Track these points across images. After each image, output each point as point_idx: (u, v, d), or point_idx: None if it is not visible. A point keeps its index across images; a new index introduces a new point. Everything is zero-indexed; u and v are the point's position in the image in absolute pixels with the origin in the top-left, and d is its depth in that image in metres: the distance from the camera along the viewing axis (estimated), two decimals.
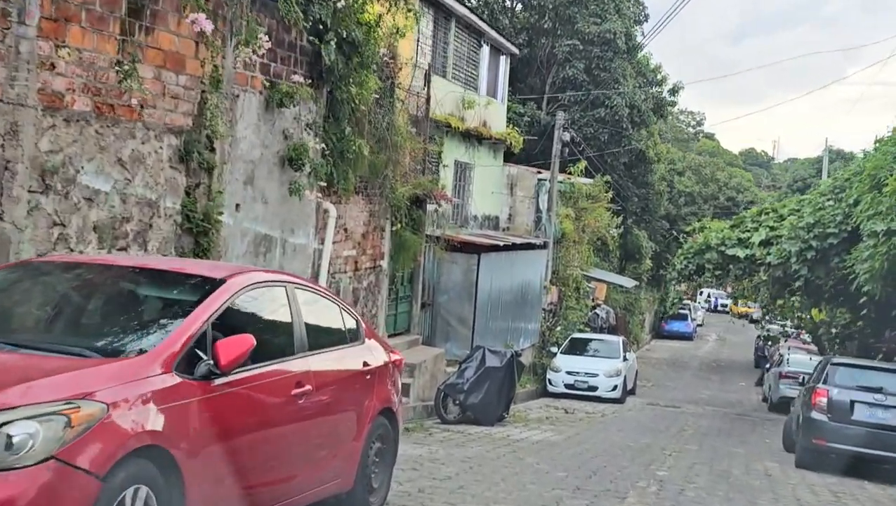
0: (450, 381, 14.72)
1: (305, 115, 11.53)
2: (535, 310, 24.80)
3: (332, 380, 5.97)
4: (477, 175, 23.34)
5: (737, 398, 28.22)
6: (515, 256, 22.57)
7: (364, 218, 14.09)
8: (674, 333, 52.32)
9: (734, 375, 36.54)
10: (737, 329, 67.89)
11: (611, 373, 23.43)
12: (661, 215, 48.07)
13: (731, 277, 23.34)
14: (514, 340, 22.83)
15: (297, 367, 5.49)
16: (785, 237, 21.09)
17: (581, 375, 23.38)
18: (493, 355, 14.87)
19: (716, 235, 23.17)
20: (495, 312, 21.19)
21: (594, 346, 25.36)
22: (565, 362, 23.90)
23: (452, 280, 19.86)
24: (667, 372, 35.37)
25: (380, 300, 14.86)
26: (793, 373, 24.76)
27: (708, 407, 24.61)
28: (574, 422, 17.62)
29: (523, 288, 23.41)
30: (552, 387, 23.61)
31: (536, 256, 24.60)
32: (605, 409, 21.36)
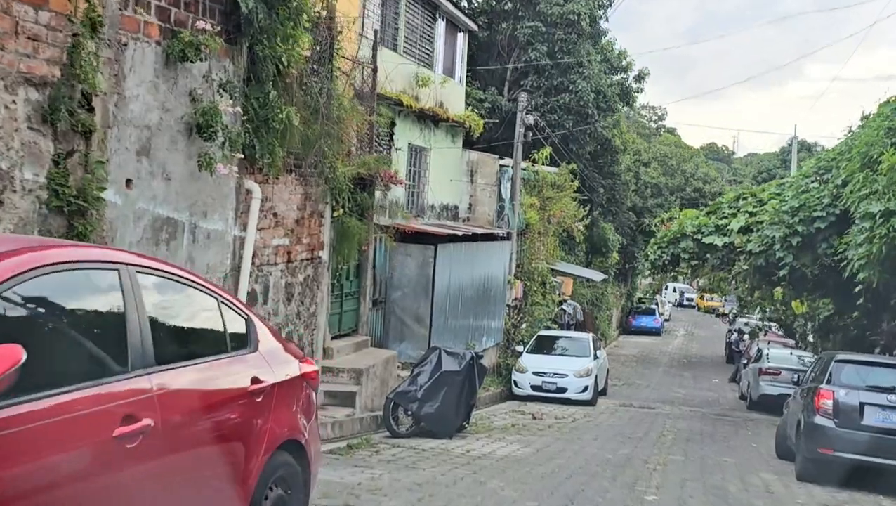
0: (401, 388, 12.83)
1: (218, 73, 9.57)
2: (499, 306, 23.02)
3: (194, 407, 4.06)
4: (434, 161, 21.48)
5: (713, 396, 26.68)
6: (476, 248, 20.74)
7: (298, 201, 12.15)
8: (641, 328, 50.99)
9: (706, 371, 35.10)
10: (705, 323, 67.05)
11: (581, 373, 21.71)
12: (628, 207, 46.63)
13: (709, 268, 21.75)
14: (477, 340, 21.00)
15: (127, 392, 3.57)
16: (767, 223, 19.52)
17: (549, 375, 21.63)
18: (451, 358, 13.02)
19: (691, 223, 21.56)
20: (455, 310, 19.34)
21: (562, 344, 23.64)
22: (532, 362, 22.14)
23: (407, 274, 17.97)
24: (637, 369, 33.81)
25: (319, 297, 12.92)
26: (773, 369, 23.25)
27: (684, 407, 23.00)
28: (543, 429, 15.82)
29: (485, 283, 21.60)
30: (518, 389, 21.83)
31: (499, 248, 22.81)
32: (575, 412, 19.61)
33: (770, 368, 23.28)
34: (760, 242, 19.43)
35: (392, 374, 14.87)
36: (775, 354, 24.15)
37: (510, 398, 21.81)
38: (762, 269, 19.60)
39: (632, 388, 27.58)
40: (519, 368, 22.09)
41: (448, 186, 22.81)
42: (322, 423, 11.97)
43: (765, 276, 20.07)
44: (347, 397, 13.08)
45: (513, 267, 24.36)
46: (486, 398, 20.48)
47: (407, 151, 19.85)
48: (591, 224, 39.65)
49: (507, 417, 17.81)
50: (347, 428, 12.51)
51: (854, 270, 15.48)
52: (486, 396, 20.63)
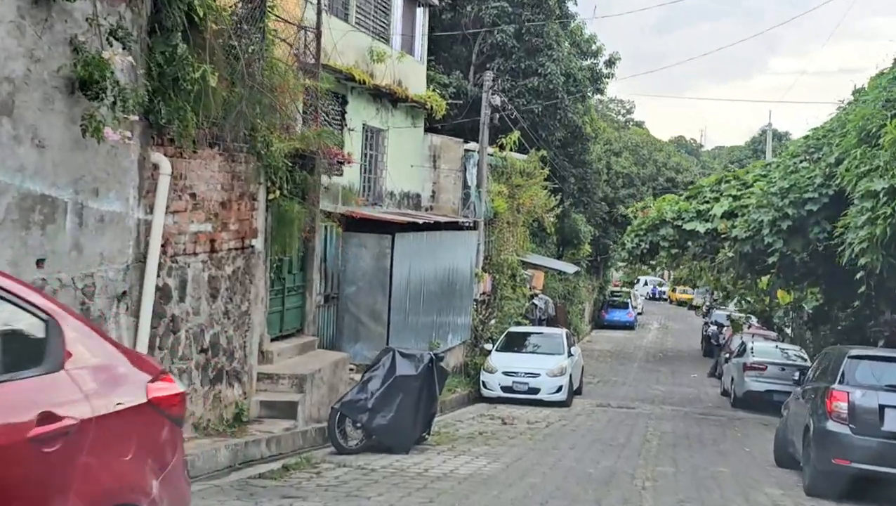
0: (348, 397, 11.09)
1: (108, 17, 7.78)
2: (466, 301, 21.34)
3: None
4: (392, 144, 19.73)
5: (693, 393, 25.21)
6: (440, 239, 19.04)
7: (223, 180, 10.36)
8: (615, 322, 49.59)
9: (683, 365, 33.68)
10: (678, 316, 65.86)
11: (554, 372, 20.09)
12: (599, 198, 45.20)
13: (690, 256, 20.26)
14: (441, 338, 19.32)
15: None
16: (753, 206, 18.04)
17: (520, 375, 20.00)
18: (406, 361, 11.30)
19: (671, 209, 20.04)
20: (416, 306, 17.63)
21: (534, 341, 22.02)
22: (502, 361, 20.49)
23: (361, 267, 16.23)
24: (612, 365, 32.31)
25: (254, 292, 11.14)
26: (758, 364, 21.82)
27: (665, 406, 21.48)
28: (514, 437, 14.17)
29: (450, 276, 19.92)
30: (487, 390, 20.17)
31: (465, 238, 21.14)
32: (549, 415, 17.99)
33: (755, 362, 21.85)
34: (747, 228, 17.93)
35: (343, 379, 13.13)
36: (760, 347, 22.74)
37: (479, 400, 20.16)
38: (749, 256, 18.11)
39: (608, 385, 26.06)
40: (488, 368, 20.44)
41: (409, 172, 21.08)
42: (255, 439, 10.21)
43: (752, 263, 18.59)
44: (287, 407, 11.31)
45: (480, 259, 22.71)
46: (452, 401, 18.81)
47: (361, 132, 18.09)
48: (562, 215, 38.18)
49: (475, 422, 16.14)
50: (286, 444, 10.76)
51: (854, 256, 14.02)
52: (453, 398, 18.96)
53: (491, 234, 24.49)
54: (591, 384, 25.48)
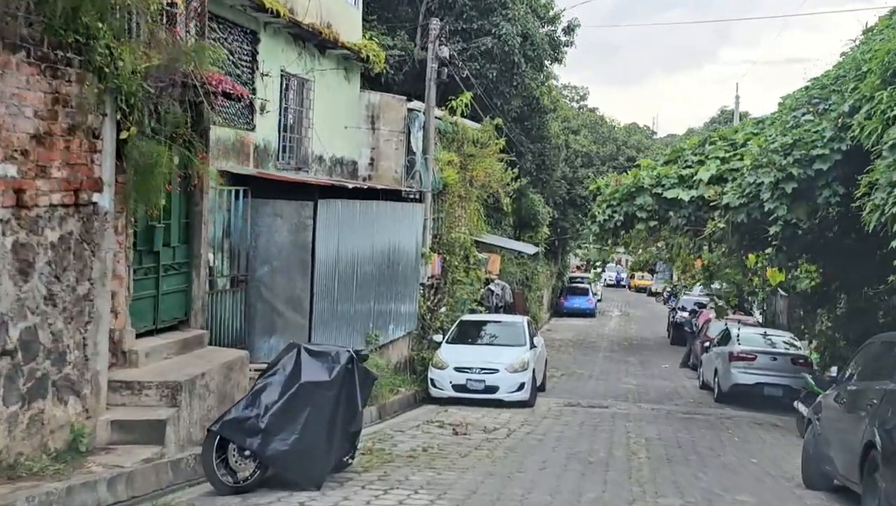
0: (232, 414, 7.89)
1: None
2: (411, 286, 18.23)
3: None
4: (321, 99, 16.51)
5: (669, 387, 22.44)
6: (377, 211, 15.90)
7: (39, 103, 7.11)
8: (574, 309, 46.91)
9: (652, 355, 31.02)
10: (638, 303, 63.57)
11: (515, 367, 17.12)
12: (559, 176, 42.38)
13: (671, 228, 17.34)
14: (381, 329, 16.22)
15: None
16: (748, 168, 15.16)
17: (475, 371, 16.99)
18: (316, 361, 8.15)
19: (648, 175, 17.09)
20: (347, 290, 14.48)
21: (491, 330, 19.01)
22: (453, 355, 17.46)
23: (277, 242, 13.03)
24: (575, 356, 29.48)
25: (97, 269, 7.90)
26: (747, 353, 19.10)
27: (643, 404, 18.63)
28: (467, 454, 11.14)
29: (391, 255, 16.79)
30: (436, 390, 17.12)
31: (409, 212, 18.01)
32: (510, 419, 15.02)
33: (743, 352, 19.11)
34: (740, 193, 15.06)
35: (240, 385, 9.94)
36: (747, 335, 20.01)
37: (427, 401, 17.11)
38: (744, 226, 15.26)
39: (573, 379, 23.19)
40: (437, 364, 17.39)
41: (342, 134, 17.88)
42: (90, 481, 7.01)
43: (747, 236, 15.76)
44: (152, 428, 8.11)
45: (428, 237, 19.63)
46: (394, 404, 15.73)
47: (279, 79, 14.84)
48: (519, 195, 35.35)
49: (419, 432, 13.07)
50: (144, 483, 7.56)
51: (881, 222, 11.24)
52: (396, 400, 15.88)
53: (440, 209, 21.41)
54: (556, 379, 22.60)
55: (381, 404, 14.86)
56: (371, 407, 14.40)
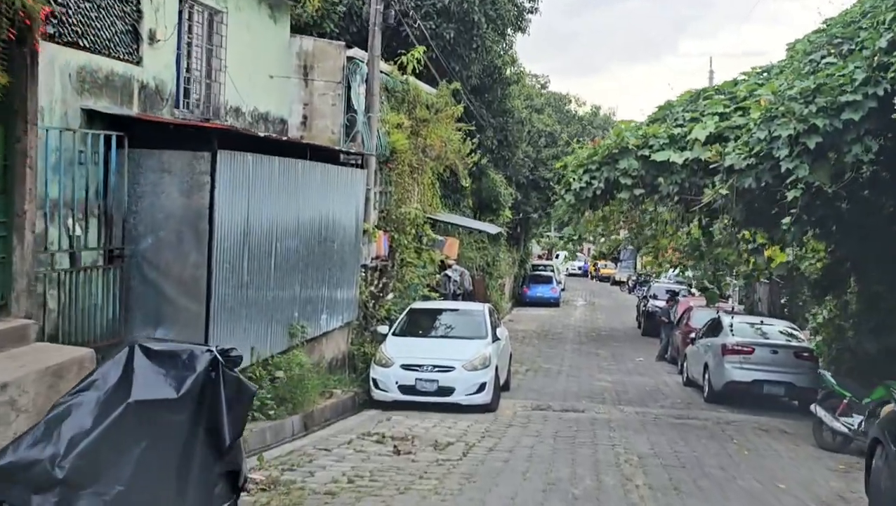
0: (6, 457, 4.88)
1: None
2: (350, 268, 15.25)
3: None
4: (238, 40, 13.42)
5: (649, 383, 19.72)
6: (305, 173, 12.89)
7: None
8: (537, 299, 44.22)
9: (623, 346, 28.38)
10: (602, 292, 61.17)
11: (475, 364, 14.28)
12: (522, 154, 39.61)
13: (660, 198, 14.57)
14: (310, 319, 13.23)
15: None
16: (758, 121, 12.40)
17: (426, 369, 14.12)
18: (157, 369, 5.14)
19: (633, 134, 14.28)
20: (262, 271, 11.46)
21: (447, 320, 16.16)
22: (401, 350, 14.58)
23: (163, 206, 9.97)
24: (540, 348, 26.70)
25: None
26: (743, 346, 16.45)
27: (624, 406, 15.88)
28: (410, 487, 8.26)
29: (324, 230, 13.79)
30: (380, 392, 14.22)
31: (348, 178, 15.02)
32: (468, 429, 12.18)
33: (739, 344, 16.45)
34: (747, 152, 12.31)
35: None
36: (741, 325, 17.36)
37: (369, 406, 14.22)
38: (751, 193, 12.53)
39: (541, 375, 20.40)
40: (380, 360, 14.47)
41: (268, 86, 14.82)
42: None
43: (754, 205, 13.03)
44: None
45: (373, 212, 16.66)
46: (326, 411, 12.79)
47: (177, 4, 11.71)
48: (479, 174, 32.53)
49: (350, 452, 10.16)
50: None
51: None
52: (328, 406, 12.94)
53: (388, 180, 18.45)
54: (520, 375, 19.81)
55: (306, 412, 11.89)
56: (293, 416, 11.46)
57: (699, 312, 22.32)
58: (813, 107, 11.57)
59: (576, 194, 14.44)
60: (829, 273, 16.09)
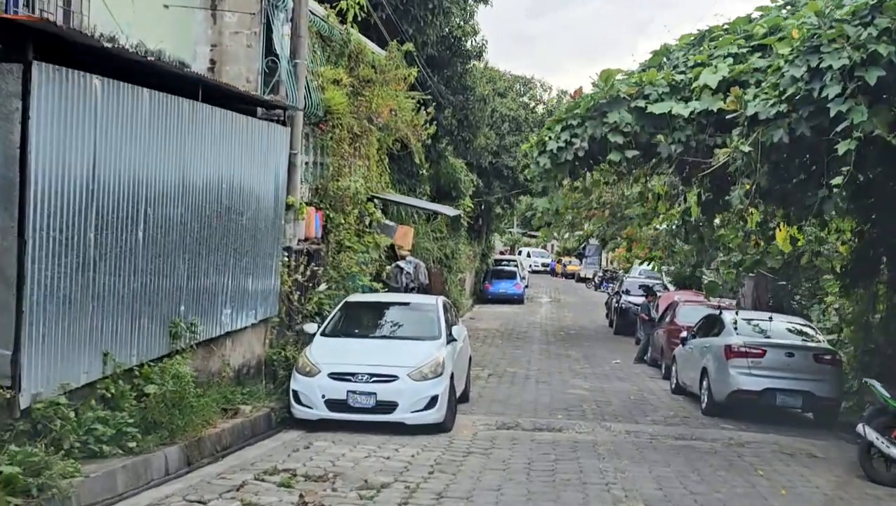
0: None
1: None
2: (266, 250, 12.04)
3: None
4: None
5: (633, 391, 16.75)
6: (196, 118, 9.68)
7: None
8: (500, 295, 41.36)
9: (595, 347, 25.47)
10: (567, 288, 58.37)
11: (425, 372, 11.18)
12: (483, 143, 36.66)
13: (659, 161, 11.54)
14: (205, 315, 10.03)
15: None
16: (792, 56, 9.45)
17: (362, 379, 11.00)
18: None
19: (626, 82, 11.27)
20: (122, 247, 8.22)
21: (391, 317, 13.07)
22: (331, 354, 11.47)
23: None
24: (504, 349, 23.70)
25: None
26: (751, 348, 13.56)
27: (611, 423, 12.84)
28: None
29: (228, 198, 10.59)
30: (302, 409, 11.08)
31: (264, 136, 11.81)
32: (412, 461, 9.12)
33: (747, 346, 13.55)
34: (777, 96, 9.41)
35: None
36: (747, 322, 14.45)
37: (289, 425, 11.11)
38: (780, 150, 9.61)
39: (506, 382, 17.36)
40: (304, 368, 11.32)
41: (161, 16, 11.57)
42: None
43: (779, 167, 10.09)
44: None
45: (299, 182, 13.46)
46: (225, 436, 9.61)
47: None
48: (436, 158, 29.55)
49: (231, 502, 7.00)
50: None
51: None
52: (227, 430, 9.75)
53: (323, 146, 15.26)
54: (482, 381, 16.79)
55: (190, 441, 8.69)
56: (168, 448, 8.29)
57: (687, 309, 19.46)
58: (873, 30, 8.66)
59: (552, 157, 11.39)
60: (859, 259, 13.24)
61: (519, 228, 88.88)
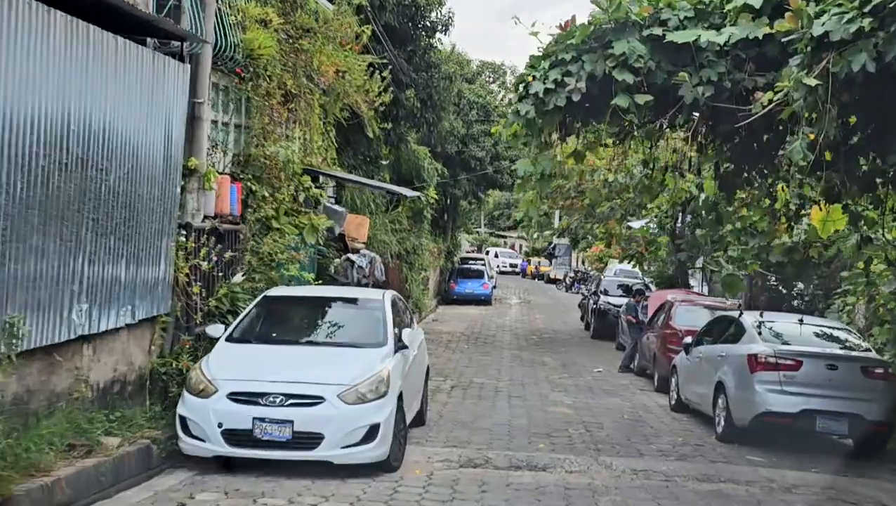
0: None
1: None
2: (150, 226, 8.96)
3: None
4: None
5: (626, 408, 13.86)
6: (24, 28, 6.62)
7: None
8: (467, 295, 38.49)
9: (573, 353, 22.61)
10: (536, 289, 55.61)
11: (361, 391, 8.16)
12: (449, 127, 33.80)
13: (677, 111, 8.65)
14: (44, 312, 6.93)
15: None
16: None
17: (274, 401, 7.96)
18: None
19: (638, 3, 8.37)
20: None
21: (325, 316, 10.07)
22: (234, 366, 8.44)
23: None
24: (471, 356, 20.73)
25: None
26: (783, 358, 10.73)
27: (609, 457, 9.90)
28: None
29: (81, 148, 7.53)
30: (192, 443, 8.01)
31: (150, 70, 8.75)
32: None
33: (777, 356, 10.71)
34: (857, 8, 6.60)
35: None
36: (772, 327, 11.61)
37: (177, 462, 8.04)
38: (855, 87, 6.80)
39: (472, 396, 14.38)
40: (196, 386, 8.24)
41: None
42: None
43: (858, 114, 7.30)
44: None
45: (205, 140, 10.38)
46: (64, 485, 6.51)
47: None
48: (397, 142, 26.64)
49: None
50: None
51: None
52: (71, 478, 6.65)
53: (244, 102, 12.16)
54: (443, 396, 13.85)
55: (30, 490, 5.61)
56: None
57: (684, 309, 16.65)
58: None
59: (537, 102, 8.43)
60: None
61: (487, 227, 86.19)
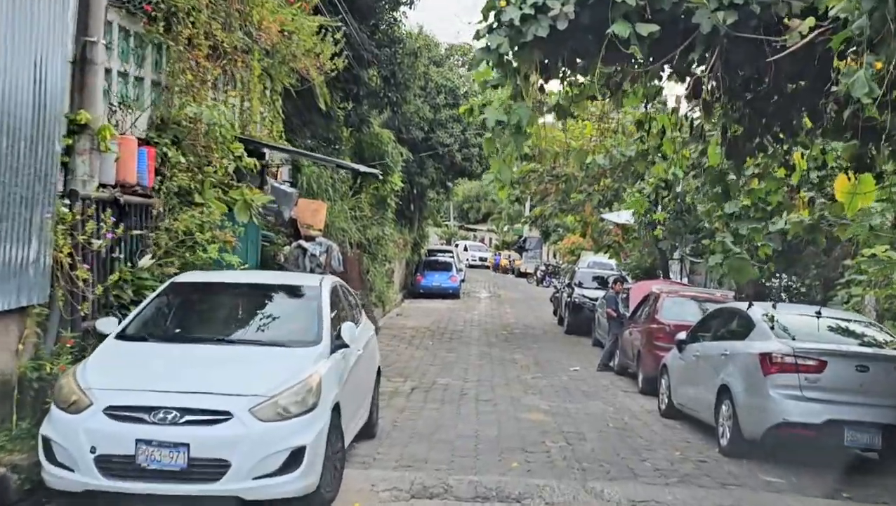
0: None
1: None
2: (17, 193, 7.00)
3: None
4: None
5: (609, 414, 12.07)
6: None
7: None
8: (434, 289, 36.71)
9: (546, 349, 20.82)
10: (506, 283, 53.94)
11: (282, 404, 6.23)
12: (415, 110, 31.92)
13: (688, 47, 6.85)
14: None
15: None
16: None
17: (165, 418, 6.01)
18: None
19: None
20: None
21: (245, 306, 8.12)
22: (117, 372, 6.48)
23: None
24: (436, 353, 18.87)
25: None
26: (804, 358, 8.97)
27: (598, 482, 8.07)
28: None
29: None
30: (57, 473, 6.04)
31: None
32: None
33: (795, 354, 8.95)
34: None
35: None
36: (786, 321, 9.84)
37: (42, 495, 6.08)
38: None
39: (434, 400, 12.51)
40: (66, 398, 6.26)
41: None
42: None
43: None
44: None
45: (100, 90, 8.40)
46: None
47: None
48: (358, 123, 24.80)
49: None
50: None
51: None
52: None
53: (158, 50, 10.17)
54: (400, 400, 11.99)
55: None
56: None
57: (672, 301, 14.91)
58: None
59: (512, 32, 6.55)
60: None
61: (457, 220, 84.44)
